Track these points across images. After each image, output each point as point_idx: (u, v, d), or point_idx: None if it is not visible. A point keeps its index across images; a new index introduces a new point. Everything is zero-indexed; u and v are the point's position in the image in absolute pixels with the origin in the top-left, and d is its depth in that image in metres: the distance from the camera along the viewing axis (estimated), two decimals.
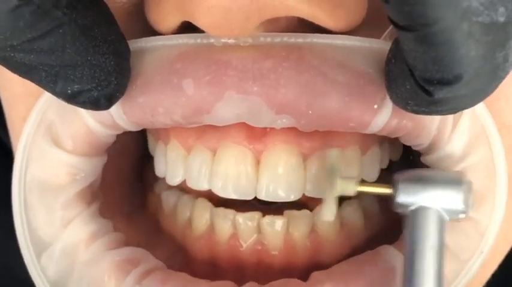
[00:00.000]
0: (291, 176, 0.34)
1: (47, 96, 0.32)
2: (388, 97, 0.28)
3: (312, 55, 0.28)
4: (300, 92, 0.27)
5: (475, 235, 0.32)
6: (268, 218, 0.36)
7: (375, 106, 0.28)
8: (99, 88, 0.26)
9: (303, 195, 0.35)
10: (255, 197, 0.36)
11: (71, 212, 0.33)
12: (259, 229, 0.36)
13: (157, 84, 0.28)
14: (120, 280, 0.32)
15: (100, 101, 0.27)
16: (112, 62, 0.26)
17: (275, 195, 0.34)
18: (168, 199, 0.41)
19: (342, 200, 0.39)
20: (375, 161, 0.37)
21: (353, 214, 0.38)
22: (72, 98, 0.27)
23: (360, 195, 0.39)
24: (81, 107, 0.28)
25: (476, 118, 0.31)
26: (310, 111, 0.28)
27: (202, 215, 0.38)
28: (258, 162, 0.34)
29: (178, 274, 0.33)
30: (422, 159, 0.33)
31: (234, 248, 0.36)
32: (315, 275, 0.32)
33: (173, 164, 0.37)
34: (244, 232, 0.36)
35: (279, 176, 0.34)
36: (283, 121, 0.29)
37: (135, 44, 0.29)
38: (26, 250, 0.33)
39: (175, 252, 0.39)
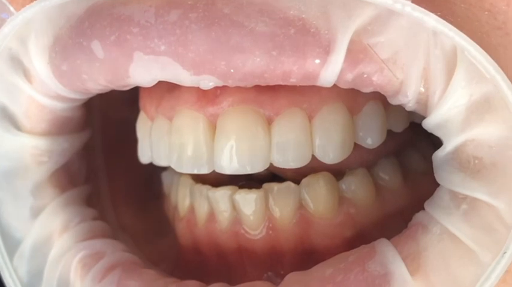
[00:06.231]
0: (253, 143, 0.28)
1: None
2: (337, 46, 0.23)
3: (225, 1, 0.23)
4: (213, 48, 0.23)
5: (500, 228, 0.24)
6: (240, 192, 0.30)
7: (316, 61, 0.23)
8: None
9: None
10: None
11: (41, 200, 0.30)
12: (234, 206, 0.31)
13: (71, 49, 0.25)
14: (83, 277, 0.28)
15: None
16: None
17: (234, 167, 0.28)
18: (165, 180, 0.37)
19: (345, 169, 0.32)
20: (374, 121, 0.30)
21: (359, 185, 0.31)
22: None
23: (371, 163, 0.32)
24: None
25: (479, 75, 0.23)
26: (232, 70, 0.23)
27: (184, 194, 0.33)
28: (214, 128, 0.29)
29: (140, 272, 0.29)
30: (423, 123, 0.26)
31: (212, 231, 0.31)
32: (290, 278, 0.26)
33: (142, 139, 0.33)
34: (219, 211, 0.31)
35: (238, 144, 0.28)
36: (209, 83, 0.24)
37: (43, 3, 0.26)
38: None
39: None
